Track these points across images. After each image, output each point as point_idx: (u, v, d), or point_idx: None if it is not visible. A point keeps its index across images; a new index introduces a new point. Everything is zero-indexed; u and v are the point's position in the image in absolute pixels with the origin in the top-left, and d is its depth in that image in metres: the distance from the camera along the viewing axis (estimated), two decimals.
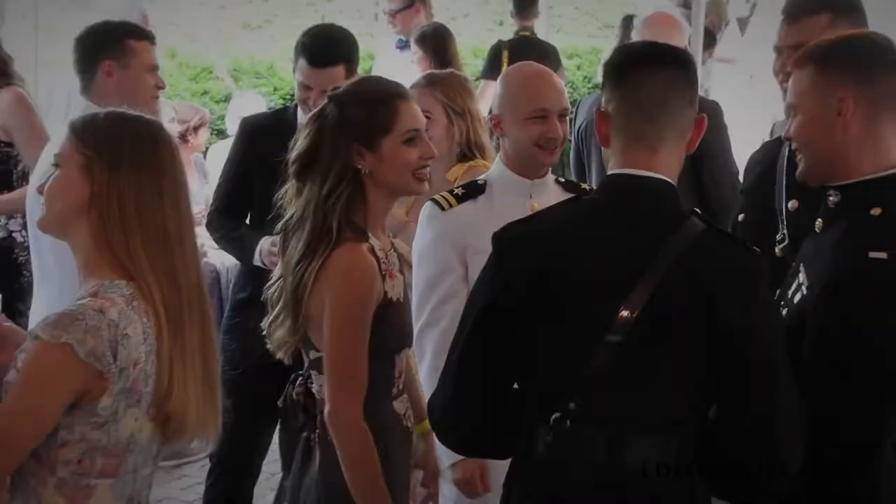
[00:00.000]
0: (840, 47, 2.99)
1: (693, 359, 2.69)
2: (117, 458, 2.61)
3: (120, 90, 4.33)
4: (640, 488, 2.69)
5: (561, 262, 2.74)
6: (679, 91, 2.78)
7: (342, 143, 3.26)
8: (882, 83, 2.93)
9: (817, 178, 3.04)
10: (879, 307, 2.79)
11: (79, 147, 2.64)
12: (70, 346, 2.47)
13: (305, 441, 3.35)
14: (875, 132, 2.93)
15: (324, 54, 4.56)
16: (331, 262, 3.19)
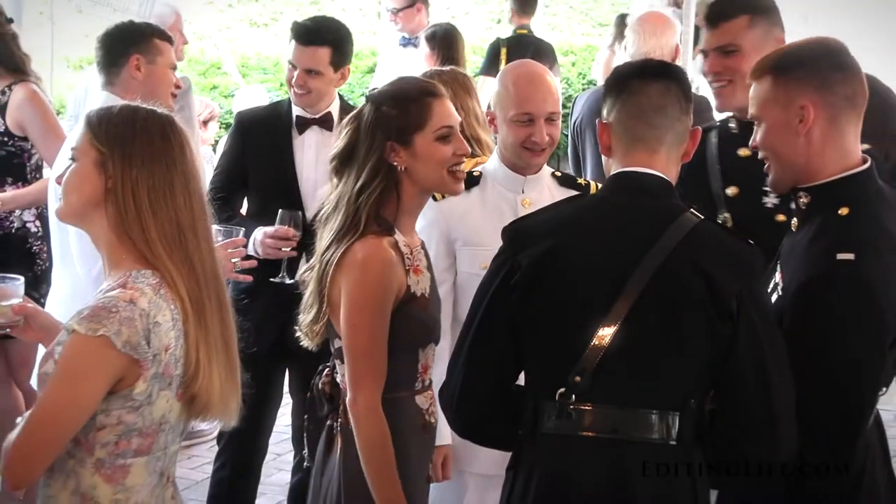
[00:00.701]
0: (795, 56, 3.02)
1: (693, 340, 2.71)
2: (150, 437, 2.64)
3: (145, 84, 4.35)
4: (639, 469, 2.71)
5: (565, 252, 2.77)
6: (674, 100, 2.84)
7: (377, 139, 3.25)
8: (839, 88, 2.96)
9: (786, 183, 3.06)
10: (847, 306, 2.82)
11: (93, 141, 2.65)
12: (108, 339, 2.50)
13: (329, 429, 3.36)
14: (836, 135, 2.97)
15: (309, 33, 4.59)
16: (349, 253, 3.20)
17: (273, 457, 5.18)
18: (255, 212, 4.65)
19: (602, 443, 2.72)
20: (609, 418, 2.72)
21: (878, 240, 2.91)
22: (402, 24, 8.61)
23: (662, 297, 2.68)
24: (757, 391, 2.71)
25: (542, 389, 2.77)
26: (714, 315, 2.68)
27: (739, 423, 2.74)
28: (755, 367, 2.70)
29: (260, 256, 4.42)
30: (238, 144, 4.70)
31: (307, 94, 4.57)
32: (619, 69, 3.00)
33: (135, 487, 2.63)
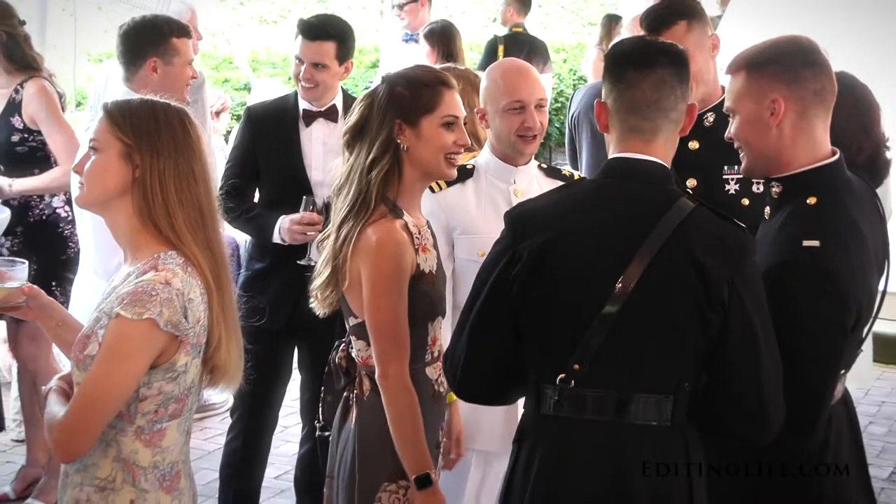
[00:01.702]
0: (768, 53, 3.02)
1: (686, 327, 2.69)
2: (183, 401, 2.70)
3: (162, 83, 4.33)
4: (637, 446, 2.71)
5: (564, 237, 2.74)
6: (670, 90, 2.77)
7: (388, 116, 3.26)
8: (808, 83, 2.97)
9: (759, 173, 3.10)
10: (811, 291, 2.84)
11: (117, 133, 2.65)
12: (153, 321, 2.53)
13: (345, 400, 3.38)
14: (806, 128, 2.98)
15: (314, 28, 4.60)
16: (365, 237, 3.21)
17: (281, 429, 5.17)
18: (268, 201, 4.65)
19: (600, 425, 2.71)
20: (607, 402, 2.70)
21: (842, 229, 2.92)
22: (408, 19, 8.58)
23: (657, 286, 2.65)
24: (748, 374, 2.70)
25: (542, 373, 2.75)
26: (706, 304, 2.66)
27: (731, 405, 2.73)
28: (747, 351, 2.69)
29: (287, 243, 4.46)
30: (248, 137, 4.69)
31: (314, 88, 4.57)
32: (619, 49, 2.92)
33: (169, 448, 2.69)
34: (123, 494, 2.65)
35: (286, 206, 4.50)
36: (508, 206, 3.73)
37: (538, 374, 2.76)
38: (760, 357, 2.70)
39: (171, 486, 2.70)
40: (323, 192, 4.46)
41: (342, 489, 3.30)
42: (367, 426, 3.26)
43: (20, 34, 5.19)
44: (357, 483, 3.25)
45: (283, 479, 5.57)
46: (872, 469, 6.25)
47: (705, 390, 2.73)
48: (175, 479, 2.72)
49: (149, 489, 2.66)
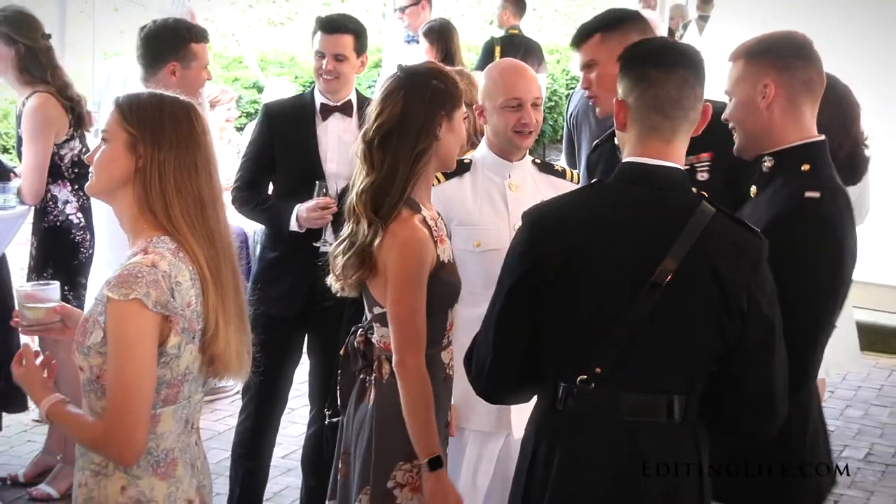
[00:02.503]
0: (766, 43, 3.14)
1: (705, 331, 2.66)
2: (176, 387, 2.64)
3: (179, 86, 4.30)
4: (652, 441, 2.69)
5: (588, 243, 2.69)
6: (690, 90, 2.74)
7: (433, 109, 3.25)
8: (798, 73, 3.08)
9: (751, 151, 3.16)
10: (815, 238, 2.93)
11: (124, 125, 2.63)
12: (140, 300, 2.48)
13: (361, 382, 3.38)
14: (794, 112, 3.08)
15: (334, 23, 4.66)
16: (391, 234, 3.21)
17: (288, 411, 5.17)
18: (283, 193, 4.65)
19: (618, 423, 2.69)
20: (624, 402, 2.67)
21: (836, 188, 3.04)
22: (409, 20, 8.56)
23: (679, 296, 2.62)
24: (762, 377, 2.70)
25: (562, 373, 2.71)
26: (724, 313, 2.64)
27: (744, 405, 2.73)
28: (762, 355, 2.69)
29: (302, 230, 4.48)
30: (266, 133, 4.69)
31: (336, 80, 4.59)
32: (640, 50, 2.87)
33: (164, 434, 2.63)
34: (115, 480, 2.61)
35: (300, 196, 4.51)
36: (504, 199, 3.76)
37: (558, 373, 2.72)
38: (774, 359, 2.70)
39: (167, 474, 2.64)
40: (339, 183, 4.50)
41: (359, 465, 3.31)
42: (384, 408, 3.27)
43: (41, 47, 5.15)
44: (374, 461, 3.27)
45: (290, 458, 5.59)
46: (849, 450, 6.32)
47: (717, 389, 2.71)
48: (170, 466, 2.65)
49: (140, 475, 2.61)
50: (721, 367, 2.69)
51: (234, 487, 4.74)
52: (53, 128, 5.11)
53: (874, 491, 5.82)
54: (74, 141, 5.22)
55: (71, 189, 5.20)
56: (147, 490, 2.61)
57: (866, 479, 5.98)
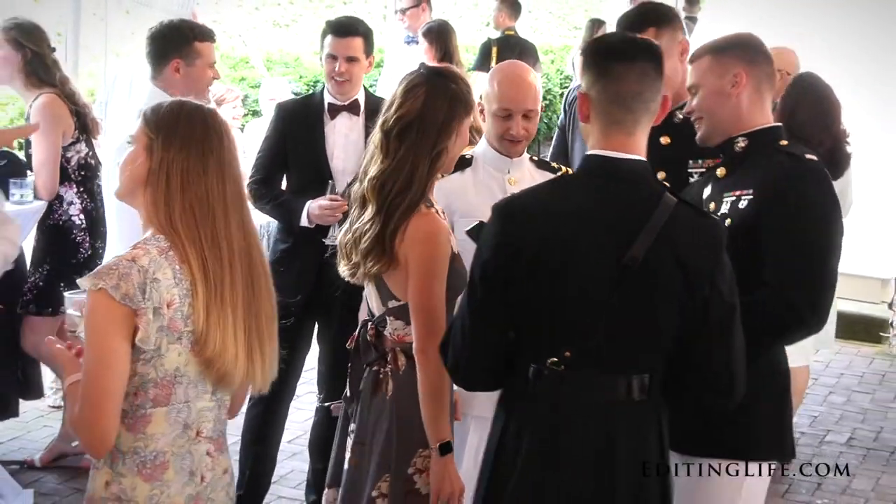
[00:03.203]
0: (730, 40, 3.32)
1: (669, 315, 2.68)
2: (166, 388, 2.54)
3: (184, 82, 4.36)
4: (619, 420, 2.71)
5: (557, 234, 2.68)
6: (651, 82, 2.74)
7: (457, 107, 3.26)
8: (761, 65, 3.26)
9: (718, 137, 3.28)
10: (824, 190, 3.14)
11: (145, 128, 2.62)
12: (105, 291, 2.43)
13: (374, 374, 3.36)
14: (758, 100, 3.25)
15: (345, 26, 4.66)
16: (414, 227, 3.20)
17: (295, 397, 5.18)
18: (295, 188, 4.67)
19: (586, 404, 2.70)
20: (592, 383, 2.69)
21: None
22: (409, 21, 8.55)
23: (645, 283, 2.64)
24: (722, 357, 2.72)
25: (534, 355, 2.72)
26: (688, 298, 2.66)
27: (705, 383, 2.75)
28: (722, 337, 2.71)
29: (312, 225, 4.50)
30: (279, 131, 4.71)
31: (348, 81, 4.60)
32: (601, 44, 2.87)
33: (154, 435, 2.55)
34: (101, 474, 2.56)
35: (311, 193, 4.53)
36: (503, 194, 3.74)
37: (529, 356, 2.73)
38: (733, 340, 2.72)
39: (152, 476, 2.56)
40: (345, 178, 4.52)
41: (376, 454, 3.30)
42: (403, 398, 3.27)
43: (47, 55, 5.16)
44: (395, 448, 3.27)
45: (296, 442, 5.59)
46: (832, 435, 6.33)
47: (680, 369, 2.74)
48: (158, 468, 2.56)
49: (125, 473, 2.54)
50: (684, 347, 2.71)
51: (244, 470, 4.75)
52: (61, 125, 5.11)
53: (856, 474, 5.83)
54: (81, 144, 5.21)
55: (76, 191, 5.20)
56: (129, 489, 2.54)
57: (849, 461, 5.99)
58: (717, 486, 3.20)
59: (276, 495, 5.14)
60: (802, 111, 4.76)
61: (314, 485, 4.83)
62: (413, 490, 3.28)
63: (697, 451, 3.21)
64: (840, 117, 4.85)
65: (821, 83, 4.87)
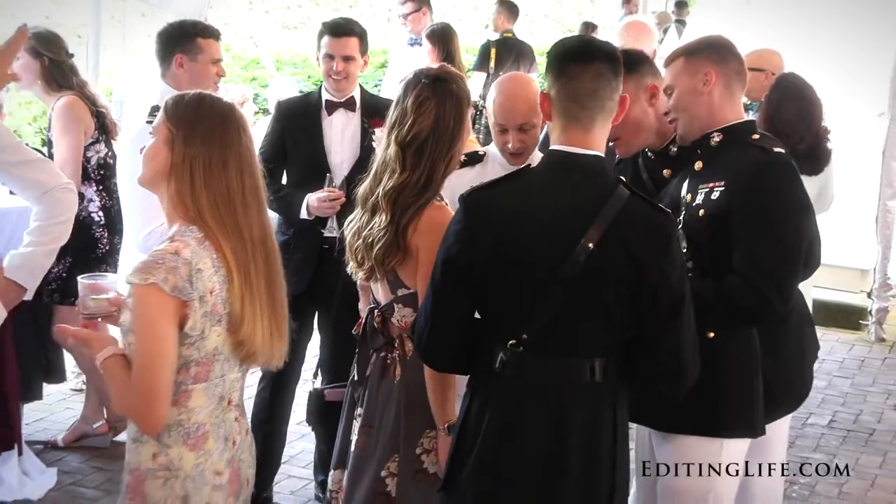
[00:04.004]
0: (701, 42, 3.40)
1: (621, 302, 2.71)
2: (207, 366, 2.59)
3: (189, 77, 4.30)
4: (574, 399, 2.75)
5: (517, 223, 2.72)
6: (605, 83, 2.75)
7: (460, 114, 3.27)
8: (732, 64, 3.32)
9: (694, 133, 3.34)
10: (791, 178, 3.20)
11: (166, 122, 2.63)
12: (157, 285, 2.46)
13: (382, 359, 3.37)
14: (729, 97, 3.31)
15: (341, 27, 4.64)
16: (425, 219, 3.20)
17: (303, 382, 5.18)
18: (294, 182, 4.66)
19: (542, 384, 2.74)
20: (549, 365, 2.73)
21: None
22: (411, 25, 8.55)
23: (597, 271, 2.66)
24: (672, 344, 2.75)
25: (495, 338, 2.77)
26: (637, 287, 2.69)
27: (656, 368, 2.79)
28: (672, 325, 2.74)
29: (311, 218, 4.50)
30: (278, 127, 4.70)
31: (345, 79, 4.59)
32: (560, 47, 2.89)
33: (195, 409, 2.61)
34: (148, 447, 2.61)
35: (310, 186, 4.52)
36: None
37: (491, 339, 2.78)
38: (682, 327, 2.75)
39: (196, 445, 2.62)
40: (342, 171, 4.54)
41: (384, 436, 3.32)
42: (411, 382, 3.28)
43: (64, 62, 5.17)
44: (403, 430, 3.29)
45: (305, 424, 5.58)
46: (814, 417, 6.35)
47: (633, 353, 2.77)
48: (201, 438, 2.63)
49: (171, 445, 2.60)
50: (636, 333, 2.75)
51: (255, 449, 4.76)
52: (82, 124, 5.11)
53: (837, 454, 5.86)
54: (100, 144, 5.21)
55: (96, 189, 5.21)
56: (176, 459, 2.60)
57: (829, 443, 6.01)
58: (697, 454, 3.29)
59: (287, 474, 5.16)
60: (786, 109, 4.78)
61: (321, 465, 4.84)
62: (421, 469, 3.30)
63: (674, 429, 3.30)
64: (821, 115, 4.87)
65: (803, 83, 4.89)
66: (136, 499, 2.61)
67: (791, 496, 5.21)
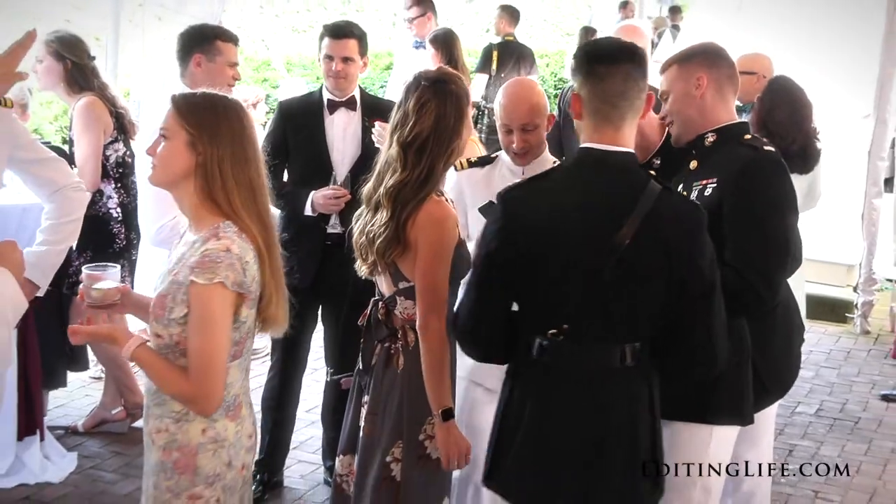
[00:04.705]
0: (694, 49, 3.44)
1: (655, 291, 2.72)
2: (242, 344, 2.70)
3: (206, 77, 4.29)
4: (612, 385, 2.76)
5: (555, 219, 2.72)
6: (635, 82, 2.78)
7: (459, 112, 3.28)
8: (723, 69, 3.37)
9: (689, 134, 3.38)
10: (780, 174, 3.23)
11: (183, 124, 2.64)
12: (222, 283, 2.55)
13: (386, 350, 3.38)
14: (721, 100, 3.36)
15: (341, 29, 4.62)
16: (425, 212, 3.21)
17: (310, 371, 5.21)
18: (296, 179, 4.65)
19: (580, 370, 2.75)
20: (585, 352, 2.74)
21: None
22: (416, 29, 8.53)
23: (633, 263, 2.67)
24: (704, 329, 2.76)
25: (533, 328, 2.77)
26: (670, 275, 2.70)
27: (688, 354, 2.80)
28: (703, 311, 2.75)
29: (315, 215, 4.49)
30: (280, 127, 4.68)
31: (345, 79, 4.58)
32: (589, 49, 2.90)
33: (232, 383, 2.70)
34: (196, 425, 2.68)
35: (312, 182, 4.52)
36: None
37: (531, 329, 2.78)
38: (714, 314, 2.76)
39: (235, 415, 2.73)
40: (343, 168, 4.54)
41: (388, 423, 3.33)
42: (414, 371, 3.29)
43: (86, 65, 5.17)
44: (406, 417, 3.30)
45: (314, 412, 5.61)
46: (802, 406, 6.36)
47: (666, 340, 2.77)
48: (237, 408, 2.74)
49: (217, 419, 2.68)
50: (669, 321, 2.75)
51: (265, 435, 4.77)
52: (101, 124, 5.11)
53: (824, 441, 5.87)
54: (119, 143, 5.21)
55: (114, 187, 5.20)
56: (221, 431, 2.69)
57: (817, 431, 6.02)
58: (689, 440, 3.33)
59: (296, 459, 5.17)
60: (779, 111, 4.78)
61: (329, 450, 4.86)
62: (424, 455, 3.31)
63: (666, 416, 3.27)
64: (811, 116, 4.88)
65: (794, 86, 4.90)
66: (187, 472, 2.67)
67: (779, 481, 5.21)
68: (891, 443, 5.90)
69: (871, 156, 7.96)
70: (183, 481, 2.67)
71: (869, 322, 8.04)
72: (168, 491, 2.68)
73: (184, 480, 2.67)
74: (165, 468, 2.68)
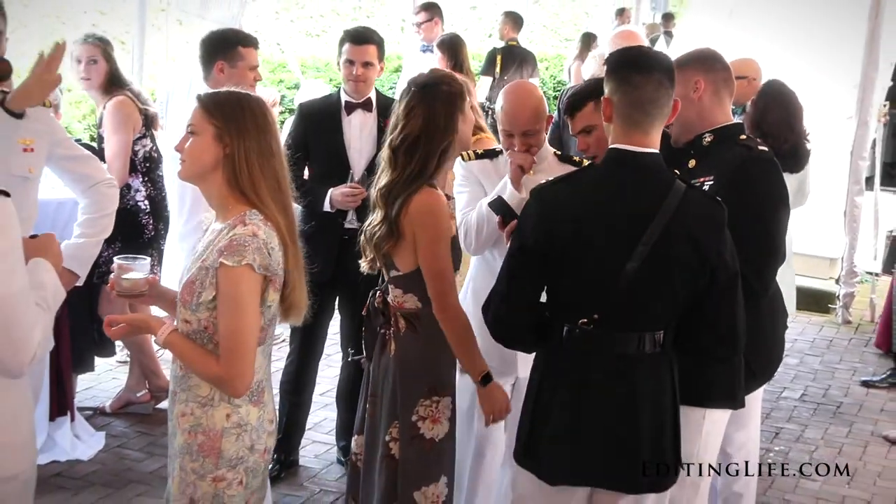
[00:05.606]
0: (691, 55, 3.41)
1: (684, 283, 2.74)
2: (266, 330, 2.67)
3: (227, 82, 4.26)
4: (639, 370, 2.78)
5: (588, 215, 2.73)
6: (664, 91, 2.76)
7: (453, 111, 3.26)
8: (719, 73, 3.36)
9: (687, 135, 3.36)
10: (774, 173, 3.25)
11: (210, 119, 2.64)
12: (250, 265, 2.53)
13: (382, 336, 3.39)
14: (718, 102, 3.35)
15: (362, 35, 4.62)
16: (417, 203, 3.20)
17: (325, 356, 5.20)
18: (317, 177, 4.65)
19: (609, 355, 2.77)
20: (614, 339, 2.76)
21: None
22: (424, 34, 8.53)
23: (662, 256, 2.68)
24: (730, 317, 2.80)
25: (564, 317, 2.79)
26: (698, 268, 2.73)
27: (715, 339, 2.84)
28: (728, 297, 2.79)
29: (333, 209, 4.50)
30: (300, 127, 4.68)
31: (364, 83, 4.58)
32: (623, 57, 2.88)
33: (257, 369, 2.67)
34: (221, 409, 2.65)
35: (332, 178, 4.53)
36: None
37: (562, 319, 2.79)
38: (736, 301, 2.81)
39: (258, 400, 2.70)
40: (360, 165, 4.55)
41: (386, 404, 3.34)
42: (404, 356, 3.30)
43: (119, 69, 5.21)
44: (399, 399, 3.30)
45: (328, 395, 5.62)
46: (787, 391, 6.36)
47: (693, 326, 2.81)
48: (260, 394, 2.71)
49: (241, 404, 2.66)
50: (697, 309, 2.79)
51: (282, 417, 4.77)
52: (131, 123, 5.12)
53: (808, 425, 5.87)
54: (146, 139, 5.22)
55: (142, 180, 5.20)
56: (245, 416, 2.66)
57: (801, 415, 6.02)
58: (684, 422, 3.28)
59: (311, 440, 5.17)
60: (772, 114, 4.79)
61: (342, 431, 4.87)
62: (418, 434, 3.30)
63: None
64: (802, 118, 4.88)
65: (787, 90, 4.91)
66: (212, 455, 2.66)
67: (766, 461, 5.22)
68: (870, 426, 5.91)
69: (854, 155, 7.96)
70: (207, 464, 2.65)
71: (850, 312, 8.05)
72: (193, 472, 2.66)
73: (208, 463, 2.65)
74: (191, 451, 2.67)
